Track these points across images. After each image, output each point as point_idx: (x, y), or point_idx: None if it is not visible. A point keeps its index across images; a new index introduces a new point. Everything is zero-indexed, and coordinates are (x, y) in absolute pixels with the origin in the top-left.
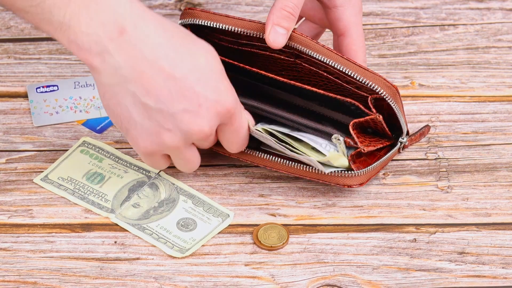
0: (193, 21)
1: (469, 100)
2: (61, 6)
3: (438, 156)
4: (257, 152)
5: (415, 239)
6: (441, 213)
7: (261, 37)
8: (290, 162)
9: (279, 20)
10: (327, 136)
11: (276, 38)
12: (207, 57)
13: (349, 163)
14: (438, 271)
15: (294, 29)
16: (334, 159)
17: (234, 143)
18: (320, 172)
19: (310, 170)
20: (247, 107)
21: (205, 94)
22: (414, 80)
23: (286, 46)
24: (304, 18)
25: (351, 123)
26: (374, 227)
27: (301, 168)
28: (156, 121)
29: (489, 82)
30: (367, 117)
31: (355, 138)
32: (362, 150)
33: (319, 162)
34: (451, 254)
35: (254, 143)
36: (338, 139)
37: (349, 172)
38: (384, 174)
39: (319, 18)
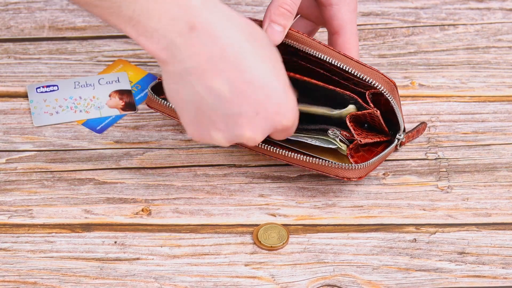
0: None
1: (469, 100)
2: (131, 1)
3: (438, 156)
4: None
5: (415, 239)
6: (441, 213)
7: None
8: (290, 152)
9: (276, 17)
10: (323, 133)
11: (273, 35)
12: (275, 65)
13: (348, 157)
14: (438, 271)
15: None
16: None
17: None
18: (319, 163)
19: (310, 161)
20: None
21: (266, 105)
22: (414, 80)
23: (282, 44)
24: (299, 15)
25: (348, 115)
26: (374, 227)
27: (301, 158)
28: (210, 118)
29: (489, 82)
30: (365, 111)
31: (352, 130)
32: (359, 142)
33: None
34: (451, 254)
35: None
36: (335, 133)
37: (349, 164)
38: (384, 174)
39: (314, 15)
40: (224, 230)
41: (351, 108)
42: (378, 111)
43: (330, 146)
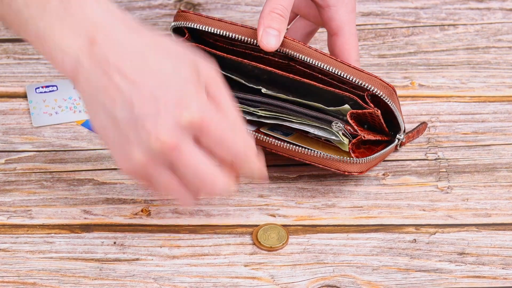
0: (185, 24)
1: (469, 100)
2: (37, 18)
3: (438, 156)
4: (256, 134)
5: (415, 239)
6: (441, 213)
7: (254, 43)
8: (291, 145)
9: (270, 22)
10: (326, 123)
11: (269, 40)
12: (176, 63)
13: (349, 152)
14: (438, 271)
15: (286, 34)
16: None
17: (226, 150)
18: (320, 155)
19: (311, 154)
20: (242, 100)
21: (164, 100)
22: (414, 80)
23: (278, 52)
24: (298, 16)
25: (349, 113)
26: (374, 228)
27: (301, 151)
28: (124, 134)
29: (489, 82)
30: (365, 110)
31: (354, 126)
32: (362, 137)
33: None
34: (451, 255)
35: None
36: (339, 126)
37: (351, 158)
38: (384, 174)
39: (313, 15)
40: (223, 231)
41: (346, 107)
42: (379, 111)
43: (333, 137)
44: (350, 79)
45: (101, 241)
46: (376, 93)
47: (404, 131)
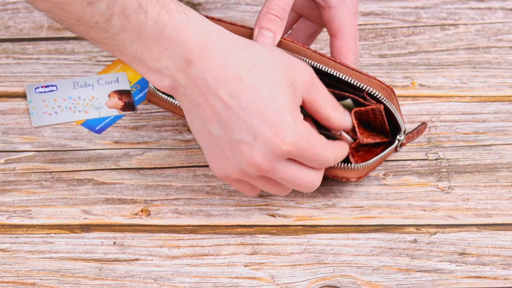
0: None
1: (469, 100)
2: (134, 40)
3: (439, 156)
4: None
5: (415, 239)
6: (441, 213)
7: None
8: None
9: (265, 23)
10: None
11: (263, 42)
12: (273, 88)
13: (348, 156)
14: (439, 272)
15: (289, 35)
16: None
17: (318, 165)
18: None
19: None
20: None
21: (261, 128)
22: (415, 80)
23: None
24: (302, 17)
25: (353, 111)
26: (374, 228)
27: None
28: (219, 147)
29: (490, 82)
30: (368, 107)
31: (356, 127)
32: (361, 141)
33: None
34: (451, 255)
35: None
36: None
37: (349, 165)
38: (384, 174)
39: (316, 16)
40: (223, 231)
41: (349, 101)
42: (382, 106)
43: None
44: (348, 80)
45: (100, 241)
46: (375, 95)
47: (405, 131)
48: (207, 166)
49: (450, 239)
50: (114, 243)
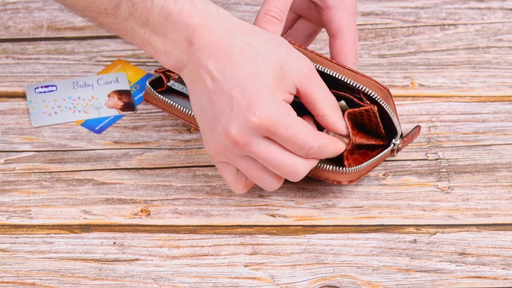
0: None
1: (469, 100)
2: (141, 25)
3: (439, 156)
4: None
5: (415, 239)
6: (441, 213)
7: None
8: None
9: (264, 24)
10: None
11: None
12: (258, 66)
13: (343, 159)
14: (439, 272)
15: (287, 36)
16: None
17: (298, 149)
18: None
19: None
20: None
21: (238, 100)
22: (414, 80)
23: None
24: (300, 17)
25: (346, 112)
26: (374, 228)
27: None
28: (207, 122)
29: (489, 82)
30: (362, 108)
31: (349, 128)
32: (354, 141)
33: None
34: (451, 255)
35: None
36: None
37: (340, 168)
38: (384, 174)
39: (315, 17)
40: (223, 231)
41: (342, 103)
42: (376, 107)
43: None
44: (346, 80)
45: (100, 241)
46: (371, 95)
47: (401, 135)
48: (207, 166)
49: (450, 239)
50: (114, 243)
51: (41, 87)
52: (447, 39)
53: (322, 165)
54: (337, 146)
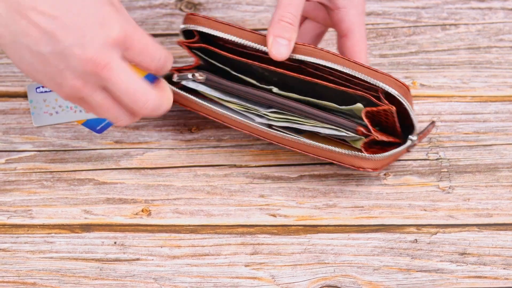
0: (195, 27)
1: (470, 100)
2: None
3: (440, 156)
4: (268, 129)
5: (416, 239)
6: (442, 213)
7: (263, 50)
8: (305, 139)
9: (279, 31)
10: (337, 127)
11: (279, 50)
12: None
13: (362, 149)
14: (439, 272)
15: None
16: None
17: (149, 58)
18: (335, 151)
19: (326, 148)
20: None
21: (87, 24)
22: (416, 80)
23: (290, 59)
24: (306, 18)
25: (364, 111)
26: (375, 228)
27: (316, 146)
28: (54, 66)
29: (490, 82)
30: (380, 107)
31: (369, 125)
32: (376, 138)
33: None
34: (452, 255)
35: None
36: (351, 129)
37: (366, 154)
38: (385, 174)
39: (322, 17)
40: (224, 231)
41: (359, 106)
42: (394, 107)
43: (344, 134)
44: (365, 79)
45: (101, 241)
46: (391, 92)
47: (418, 132)
48: (208, 166)
49: (451, 239)
50: (115, 243)
51: (42, 86)
52: (448, 39)
53: (347, 151)
54: (171, 59)
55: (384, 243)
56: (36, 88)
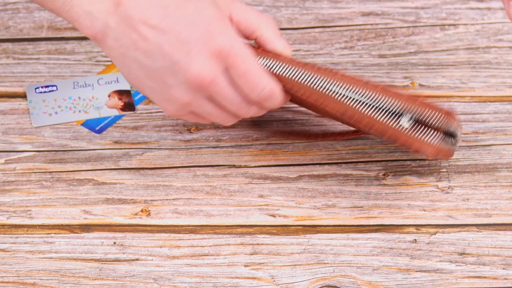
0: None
1: (469, 100)
2: None
3: None
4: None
5: (415, 239)
6: (441, 213)
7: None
8: (359, 105)
9: None
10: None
11: None
12: (197, 5)
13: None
14: (439, 272)
15: None
16: None
17: (250, 88)
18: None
19: (383, 121)
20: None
21: (193, 39)
22: (415, 80)
23: None
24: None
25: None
26: (374, 228)
27: (373, 115)
28: (161, 81)
29: (489, 82)
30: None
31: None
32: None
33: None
34: (451, 255)
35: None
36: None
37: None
38: (384, 174)
39: None
40: (223, 231)
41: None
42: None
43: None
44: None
45: (101, 241)
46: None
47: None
48: (207, 166)
49: (450, 239)
50: (114, 243)
51: (42, 87)
52: (447, 39)
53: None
54: (281, 97)
55: (383, 243)
56: (35, 89)
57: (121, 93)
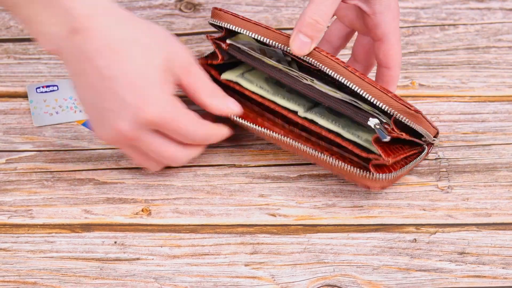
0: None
1: (469, 100)
2: (24, 4)
3: (438, 156)
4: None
5: (415, 239)
6: (441, 213)
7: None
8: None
9: (304, 28)
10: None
11: (299, 46)
12: (147, 62)
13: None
14: (439, 271)
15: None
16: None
17: (186, 140)
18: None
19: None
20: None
21: (128, 100)
22: (414, 80)
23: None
24: (335, 17)
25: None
26: (374, 227)
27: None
28: (95, 114)
29: (489, 82)
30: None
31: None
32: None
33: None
34: (451, 254)
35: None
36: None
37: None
38: None
39: (349, 19)
40: (224, 230)
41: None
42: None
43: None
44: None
45: (101, 240)
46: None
47: (435, 135)
48: (208, 165)
49: (450, 239)
50: (115, 242)
51: (43, 87)
52: (447, 39)
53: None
54: (221, 133)
55: (383, 242)
56: (36, 88)
57: None
